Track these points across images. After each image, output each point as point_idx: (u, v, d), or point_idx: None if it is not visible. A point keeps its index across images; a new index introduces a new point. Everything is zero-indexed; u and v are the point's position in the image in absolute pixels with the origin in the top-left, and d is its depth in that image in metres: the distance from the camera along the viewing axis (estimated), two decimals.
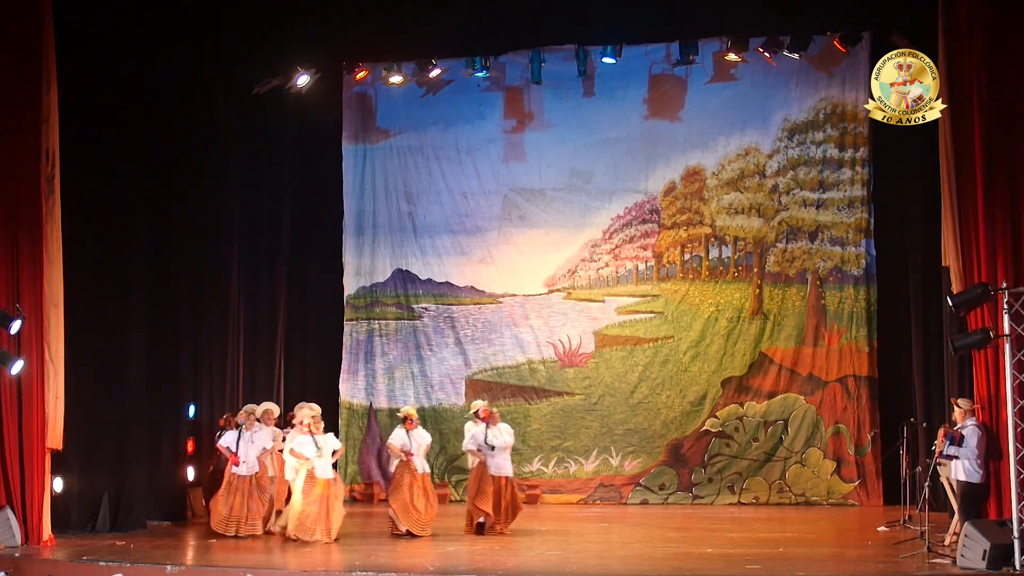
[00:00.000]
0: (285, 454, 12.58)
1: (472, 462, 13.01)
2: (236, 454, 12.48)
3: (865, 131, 15.74)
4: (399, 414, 13.20)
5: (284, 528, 12.41)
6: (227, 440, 12.61)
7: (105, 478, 12.91)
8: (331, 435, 12.67)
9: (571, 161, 16.73)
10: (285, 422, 13.68)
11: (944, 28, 11.56)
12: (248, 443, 12.55)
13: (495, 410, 13.36)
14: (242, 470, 12.47)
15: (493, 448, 12.69)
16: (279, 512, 12.86)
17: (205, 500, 13.58)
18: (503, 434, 12.88)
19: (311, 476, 12.12)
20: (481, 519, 12.66)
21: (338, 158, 17.19)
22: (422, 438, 12.85)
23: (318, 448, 12.17)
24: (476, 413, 13.18)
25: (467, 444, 13.00)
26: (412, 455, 12.58)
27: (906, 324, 15.03)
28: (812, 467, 15.65)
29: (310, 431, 12.30)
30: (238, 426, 13.57)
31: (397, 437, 12.70)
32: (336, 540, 12.09)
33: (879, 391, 15.57)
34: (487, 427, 12.81)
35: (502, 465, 12.77)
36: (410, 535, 12.40)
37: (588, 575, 10.46)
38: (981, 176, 11.00)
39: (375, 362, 17.02)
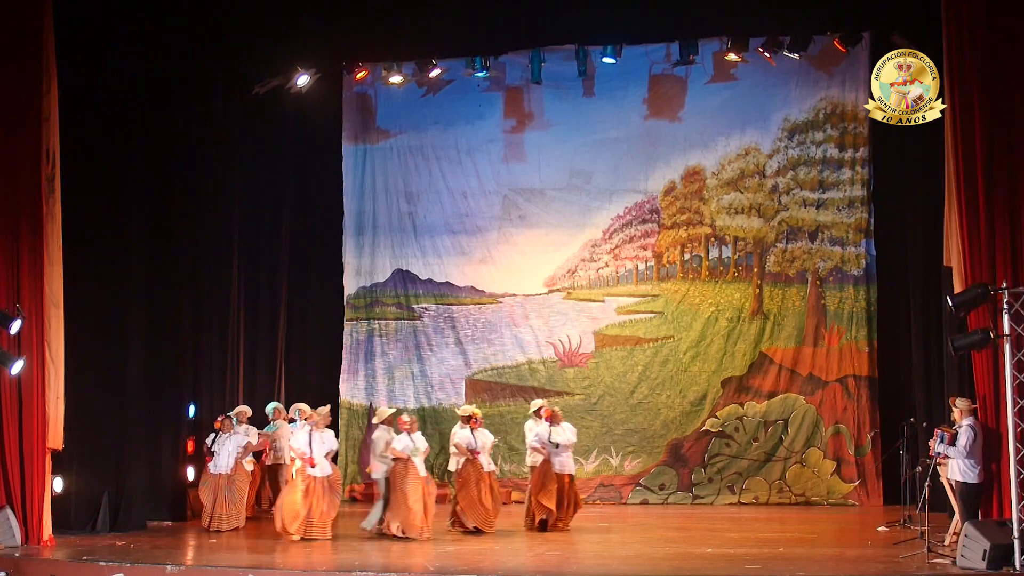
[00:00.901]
0: (377, 455, 12.67)
1: (533, 459, 13.11)
2: (312, 456, 12.34)
3: (865, 131, 15.73)
4: (460, 412, 13.27)
5: (380, 527, 12.43)
6: (299, 442, 12.43)
7: (105, 478, 12.93)
8: (419, 434, 12.71)
9: (571, 161, 16.72)
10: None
11: (945, 28, 11.53)
12: (319, 444, 12.44)
13: (557, 409, 13.47)
14: (316, 472, 12.34)
15: (557, 445, 12.83)
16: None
17: (201, 501, 13.58)
18: (566, 432, 13.02)
19: (416, 475, 12.22)
20: (544, 516, 12.80)
21: (338, 158, 17.19)
22: (486, 437, 12.99)
23: (416, 446, 12.29)
24: (537, 412, 13.32)
25: (531, 441, 13.12)
26: (478, 453, 12.70)
27: (906, 324, 15.00)
28: (812, 467, 15.64)
29: (407, 430, 12.40)
30: (225, 425, 13.60)
31: (463, 437, 12.82)
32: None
33: (879, 391, 15.55)
34: (550, 425, 12.93)
35: (565, 463, 12.96)
36: (477, 531, 12.54)
37: (588, 575, 10.46)
38: (982, 176, 10.98)
39: (375, 362, 17.02)
